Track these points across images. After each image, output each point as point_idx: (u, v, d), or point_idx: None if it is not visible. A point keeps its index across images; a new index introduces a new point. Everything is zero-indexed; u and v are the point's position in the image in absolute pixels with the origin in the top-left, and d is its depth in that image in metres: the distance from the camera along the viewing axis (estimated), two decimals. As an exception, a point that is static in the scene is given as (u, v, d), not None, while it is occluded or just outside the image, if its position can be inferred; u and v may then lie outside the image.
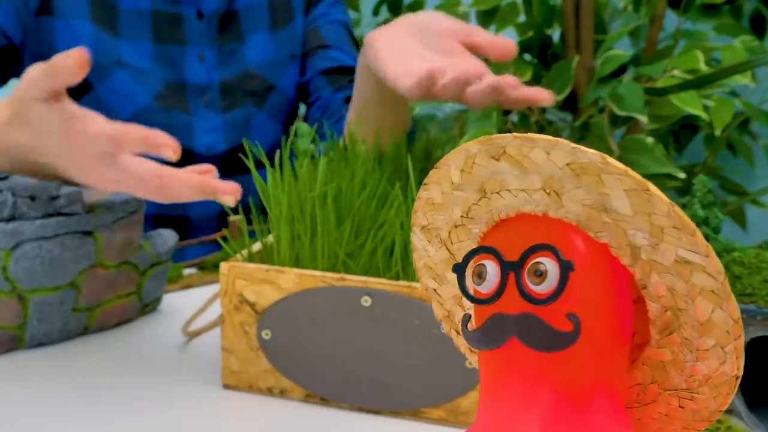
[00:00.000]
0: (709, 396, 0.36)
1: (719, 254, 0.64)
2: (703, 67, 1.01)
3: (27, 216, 0.67)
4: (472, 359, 0.43)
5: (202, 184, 0.60)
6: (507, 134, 0.34)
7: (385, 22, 1.19)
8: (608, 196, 0.33)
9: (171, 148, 0.58)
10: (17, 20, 1.00)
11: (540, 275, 0.34)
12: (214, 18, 1.09)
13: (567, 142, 0.32)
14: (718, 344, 0.34)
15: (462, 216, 0.38)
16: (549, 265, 0.34)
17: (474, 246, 0.39)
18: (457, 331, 0.43)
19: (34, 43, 1.03)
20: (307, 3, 1.18)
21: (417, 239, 0.41)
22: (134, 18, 1.05)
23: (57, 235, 0.68)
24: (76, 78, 0.59)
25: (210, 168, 0.66)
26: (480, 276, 0.35)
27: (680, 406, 0.37)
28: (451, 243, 0.40)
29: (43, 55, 1.00)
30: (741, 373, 0.34)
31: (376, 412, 0.61)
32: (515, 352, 0.35)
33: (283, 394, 0.63)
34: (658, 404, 0.38)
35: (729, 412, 0.57)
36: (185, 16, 1.08)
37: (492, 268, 0.35)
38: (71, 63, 0.58)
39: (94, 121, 0.61)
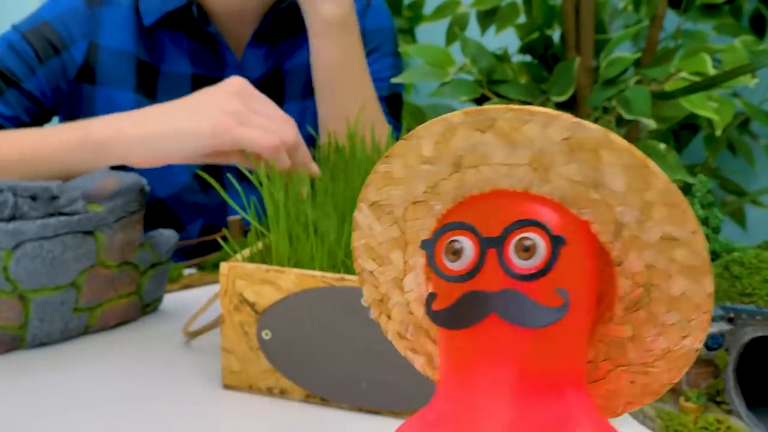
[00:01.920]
0: (665, 369, 0.35)
1: (719, 254, 0.64)
2: (711, 70, 1.01)
3: (28, 216, 0.67)
4: (400, 346, 0.41)
5: None
6: (500, 106, 0.33)
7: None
8: (602, 172, 0.33)
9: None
10: (51, 88, 0.98)
11: (527, 250, 0.33)
12: (257, 84, 1.03)
13: (568, 116, 0.32)
14: (683, 318, 0.34)
15: (425, 192, 0.37)
16: (537, 240, 0.33)
17: (432, 223, 0.38)
18: (389, 316, 0.41)
19: (69, 107, 1.00)
20: None
21: (362, 216, 0.39)
22: (174, 82, 1.00)
23: (58, 234, 0.68)
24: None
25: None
26: (455, 252, 0.34)
27: (631, 381, 0.37)
28: (405, 221, 0.38)
29: (79, 118, 0.97)
30: (701, 345, 0.34)
31: (376, 412, 0.61)
32: (489, 330, 0.34)
33: (283, 394, 0.63)
34: (608, 381, 0.37)
35: (729, 412, 0.57)
36: None
37: (468, 244, 0.34)
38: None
39: None
